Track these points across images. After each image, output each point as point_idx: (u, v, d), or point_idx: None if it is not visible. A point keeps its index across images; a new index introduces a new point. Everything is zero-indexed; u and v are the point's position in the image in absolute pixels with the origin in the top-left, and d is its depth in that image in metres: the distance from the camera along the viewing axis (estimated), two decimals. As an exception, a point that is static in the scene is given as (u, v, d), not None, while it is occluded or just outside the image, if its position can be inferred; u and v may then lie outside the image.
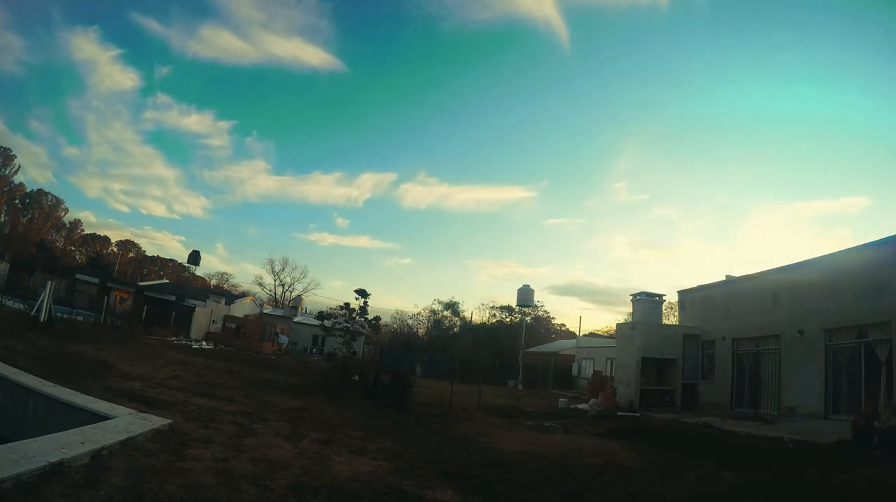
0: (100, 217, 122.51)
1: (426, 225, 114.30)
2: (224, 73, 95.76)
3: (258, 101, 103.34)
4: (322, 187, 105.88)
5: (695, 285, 22.65)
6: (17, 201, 56.47)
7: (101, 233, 68.12)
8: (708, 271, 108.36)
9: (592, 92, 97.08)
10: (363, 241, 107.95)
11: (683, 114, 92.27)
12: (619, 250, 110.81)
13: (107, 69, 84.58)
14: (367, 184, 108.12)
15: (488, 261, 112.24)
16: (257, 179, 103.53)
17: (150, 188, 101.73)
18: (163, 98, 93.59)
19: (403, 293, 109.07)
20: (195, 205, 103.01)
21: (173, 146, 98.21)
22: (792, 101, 76.98)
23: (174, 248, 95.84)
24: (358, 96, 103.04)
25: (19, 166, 55.68)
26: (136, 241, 69.96)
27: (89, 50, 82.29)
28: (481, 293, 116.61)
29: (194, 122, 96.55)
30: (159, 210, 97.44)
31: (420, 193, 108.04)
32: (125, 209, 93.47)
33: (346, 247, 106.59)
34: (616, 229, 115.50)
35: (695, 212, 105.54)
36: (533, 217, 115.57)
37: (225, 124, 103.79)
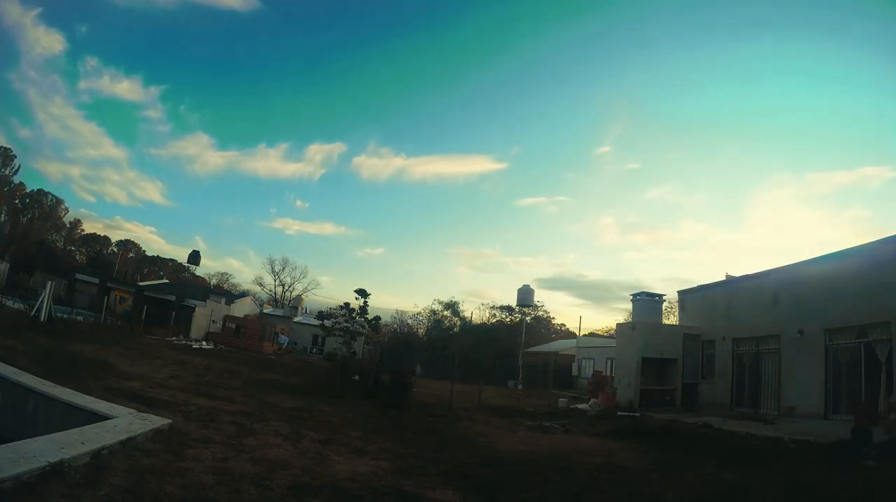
0: (71, 207, 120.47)
1: (390, 206, 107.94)
2: (142, 22, 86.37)
3: (182, 59, 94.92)
4: (270, 163, 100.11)
5: (695, 285, 22.68)
6: (17, 201, 56.45)
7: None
8: (710, 259, 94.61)
9: (574, 38, 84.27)
10: (328, 228, 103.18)
11: (684, 68, 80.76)
12: (608, 235, 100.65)
13: (33, 33, 75.63)
14: (316, 158, 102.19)
15: (465, 249, 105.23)
16: (205, 157, 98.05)
17: (106, 172, 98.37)
18: (91, 62, 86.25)
19: (383, 287, 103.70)
20: (152, 189, 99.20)
21: (115, 121, 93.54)
22: (808, 55, 64.89)
23: (150, 240, 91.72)
24: (281, 43, 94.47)
25: (19, 166, 55.69)
26: (132, 241, 70.02)
27: (13, 12, 72.35)
28: (464, 285, 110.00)
29: (126, 89, 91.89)
30: (121, 197, 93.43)
31: (375, 167, 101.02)
32: (91, 199, 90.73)
33: (312, 236, 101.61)
34: (604, 210, 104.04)
35: (694, 187, 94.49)
36: (504, 195, 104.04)
37: (155, 90, 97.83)
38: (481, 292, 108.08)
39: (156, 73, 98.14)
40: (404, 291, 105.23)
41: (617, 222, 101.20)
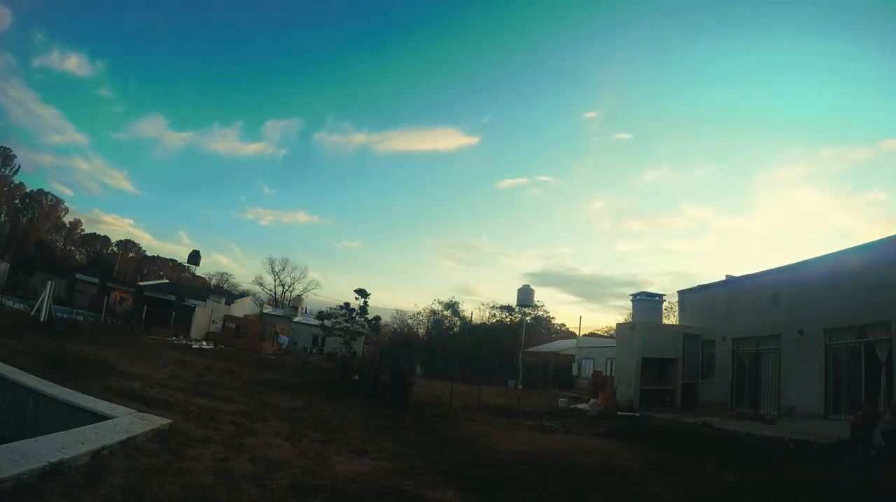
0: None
1: (360, 192, 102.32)
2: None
3: (121, 28, 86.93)
4: (228, 143, 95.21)
5: (695, 284, 22.68)
6: (17, 201, 56.44)
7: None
8: (711, 249, 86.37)
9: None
10: (302, 217, 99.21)
11: (682, 30, 70.78)
12: (600, 221, 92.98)
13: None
14: (274, 136, 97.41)
15: (448, 241, 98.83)
16: (164, 139, 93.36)
17: (75, 160, 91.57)
18: (38, 35, 79.95)
19: (366, 283, 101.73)
20: (120, 178, 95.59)
21: (71, 103, 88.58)
22: (822, 7, 56.74)
23: (135, 235, 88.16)
24: (222, 10, 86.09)
25: (19, 166, 55.70)
26: (132, 241, 70.01)
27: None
28: (452, 280, 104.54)
29: (75, 64, 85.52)
30: (93, 187, 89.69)
31: (337, 146, 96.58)
32: (69, 192, 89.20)
33: (287, 226, 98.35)
34: (593, 192, 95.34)
35: (693, 164, 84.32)
36: (481, 176, 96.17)
37: (101, 65, 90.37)
38: (473, 289, 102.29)
39: (99, 46, 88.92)
40: (390, 287, 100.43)
41: (609, 207, 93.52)
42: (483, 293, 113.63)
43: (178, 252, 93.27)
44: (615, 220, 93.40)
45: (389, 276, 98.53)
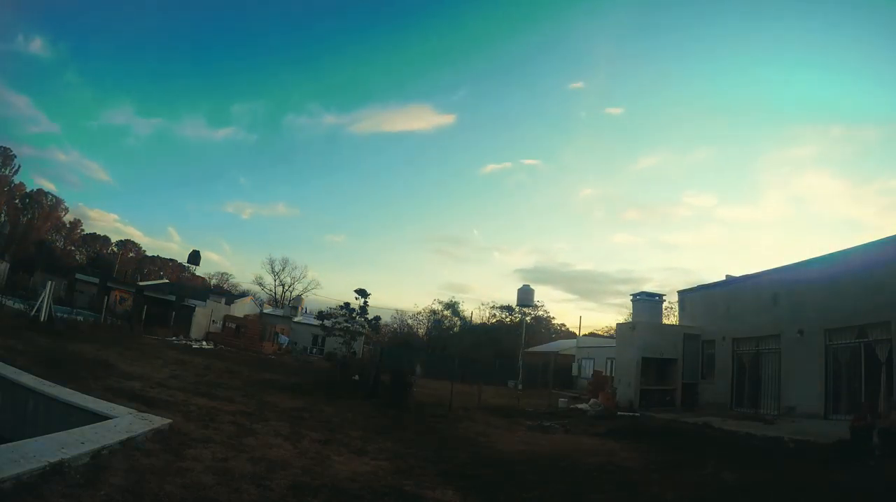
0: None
1: (337, 180, 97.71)
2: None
3: (80, 9, 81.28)
4: (197, 129, 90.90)
5: (695, 284, 22.71)
6: (17, 201, 56.44)
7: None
8: (713, 242, 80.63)
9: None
10: (281, 209, 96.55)
11: None
12: (592, 211, 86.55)
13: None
14: (242, 120, 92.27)
15: (438, 234, 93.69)
16: (135, 127, 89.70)
17: (53, 152, 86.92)
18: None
19: (358, 281, 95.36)
20: (96, 168, 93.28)
21: (40, 90, 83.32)
22: None
23: (118, 229, 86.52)
24: None
25: (19, 166, 55.70)
26: (134, 242, 69.98)
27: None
28: (441, 276, 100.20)
29: (38, 46, 79.43)
30: (73, 179, 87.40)
31: (307, 129, 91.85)
32: (52, 187, 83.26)
33: (267, 219, 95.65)
34: (584, 178, 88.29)
35: (692, 144, 77.60)
36: (462, 161, 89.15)
37: (65, 47, 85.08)
38: (466, 286, 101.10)
39: (60, 27, 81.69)
40: (382, 285, 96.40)
41: (602, 195, 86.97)
42: (476, 291, 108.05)
43: (170, 248, 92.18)
44: (609, 210, 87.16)
45: (379, 274, 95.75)
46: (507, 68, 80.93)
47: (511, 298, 40.11)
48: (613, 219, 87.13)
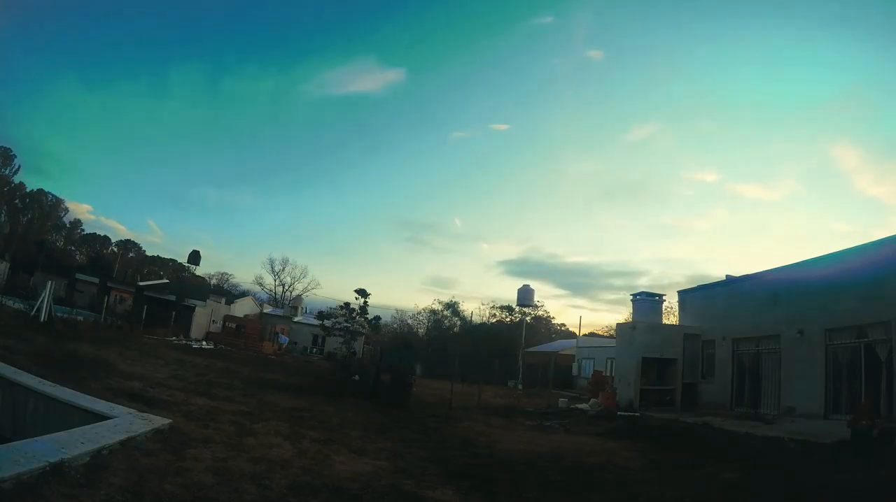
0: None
1: (287, 151, 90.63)
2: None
3: None
4: (140, 99, 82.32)
5: (695, 284, 22.73)
6: (17, 201, 56.42)
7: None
8: (715, 228, 72.02)
9: None
10: (248, 199, 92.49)
11: None
12: (577, 190, 72.95)
13: None
14: (179, 91, 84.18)
15: (406, 219, 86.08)
16: (82, 103, 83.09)
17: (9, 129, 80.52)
18: None
19: (341, 277, 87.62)
20: (56, 150, 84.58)
21: None
22: None
23: (101, 223, 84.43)
24: None
25: (19, 166, 55.69)
26: (132, 241, 69.94)
27: None
28: (423, 269, 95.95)
29: None
30: (34, 161, 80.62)
31: (247, 92, 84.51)
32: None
33: (232, 206, 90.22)
34: (567, 147, 74.73)
35: (691, 111, 65.27)
36: (418, 125, 76.87)
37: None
38: (451, 281, 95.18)
39: None
40: (360, 280, 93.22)
41: (588, 172, 73.48)
42: (464, 285, 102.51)
43: (150, 241, 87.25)
44: (595, 187, 75.45)
45: (358, 267, 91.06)
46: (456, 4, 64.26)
47: (498, 293, 39.68)
48: (604, 200, 76.94)
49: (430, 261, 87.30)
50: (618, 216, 77.92)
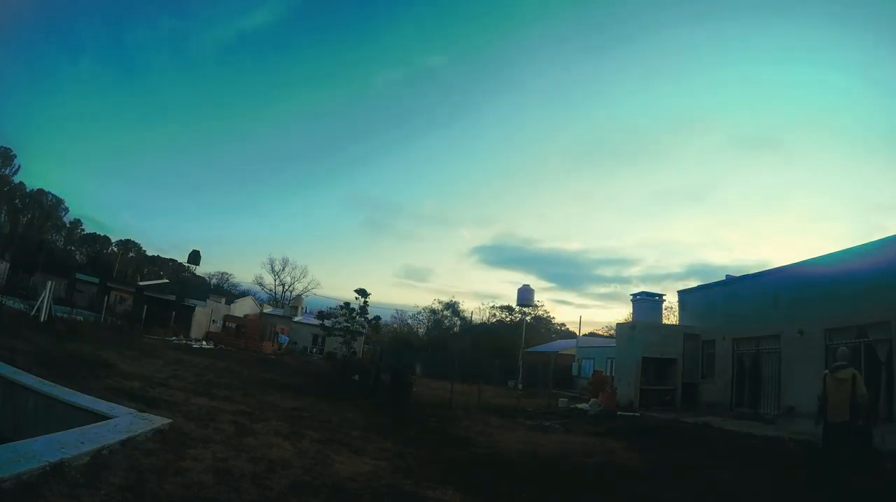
0: None
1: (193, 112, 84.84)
2: None
3: None
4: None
5: (695, 285, 22.76)
6: (17, 201, 56.41)
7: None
8: (715, 214, 66.71)
9: None
10: (208, 195, 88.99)
11: None
12: (551, 162, 60.37)
13: None
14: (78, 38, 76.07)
15: (359, 196, 79.06)
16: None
17: None
18: None
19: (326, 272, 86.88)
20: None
21: None
22: None
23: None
24: None
25: (19, 166, 55.69)
26: (132, 240, 69.93)
27: None
28: (393, 258, 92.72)
29: None
30: None
31: (143, 39, 77.33)
32: None
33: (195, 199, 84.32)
34: (528, 97, 60.13)
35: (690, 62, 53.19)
36: (330, 69, 66.61)
37: None
38: (426, 272, 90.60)
39: None
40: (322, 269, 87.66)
41: (564, 145, 60.30)
42: (439, 276, 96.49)
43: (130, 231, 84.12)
44: (574, 151, 60.22)
45: (355, 265, 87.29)
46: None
47: (474, 284, 37.77)
48: (583, 167, 63.17)
49: (401, 250, 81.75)
50: (597, 185, 64.73)
